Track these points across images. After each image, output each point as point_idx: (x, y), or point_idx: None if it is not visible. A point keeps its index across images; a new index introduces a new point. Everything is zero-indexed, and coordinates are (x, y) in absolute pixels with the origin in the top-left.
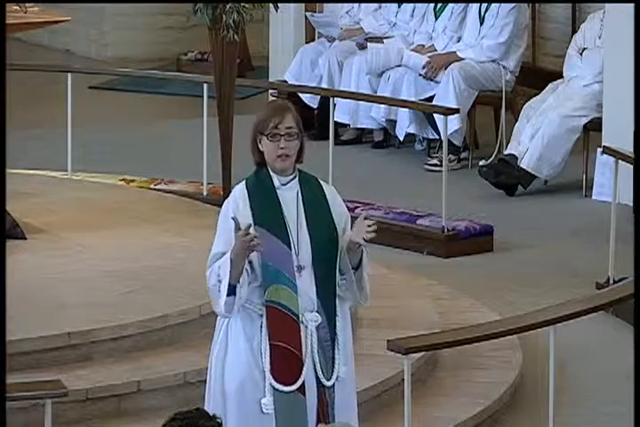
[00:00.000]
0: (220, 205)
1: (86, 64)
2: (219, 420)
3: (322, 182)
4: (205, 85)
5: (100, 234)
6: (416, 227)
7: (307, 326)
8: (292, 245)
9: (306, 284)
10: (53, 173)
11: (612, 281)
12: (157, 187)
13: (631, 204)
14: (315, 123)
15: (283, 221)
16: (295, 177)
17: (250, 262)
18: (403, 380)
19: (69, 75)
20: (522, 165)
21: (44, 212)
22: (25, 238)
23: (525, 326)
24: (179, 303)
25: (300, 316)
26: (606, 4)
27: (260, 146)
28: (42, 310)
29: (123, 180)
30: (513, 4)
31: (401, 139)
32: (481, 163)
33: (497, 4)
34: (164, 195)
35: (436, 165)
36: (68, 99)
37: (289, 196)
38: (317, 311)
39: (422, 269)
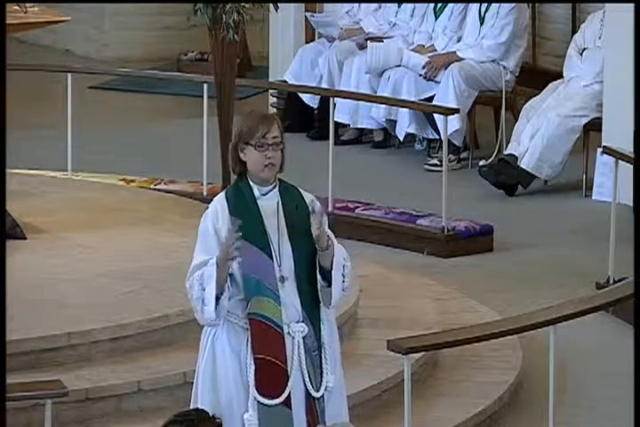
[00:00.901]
0: None
1: (86, 64)
2: (218, 420)
3: (302, 192)
4: (205, 85)
5: (100, 234)
6: (416, 227)
7: (293, 337)
8: (274, 256)
9: (289, 294)
10: (53, 173)
11: (612, 281)
12: (157, 187)
13: (631, 204)
14: (315, 123)
15: (263, 231)
16: (275, 187)
17: (231, 275)
18: (403, 380)
19: (69, 75)
20: (522, 165)
21: (44, 212)
22: (25, 238)
23: (525, 326)
24: (179, 303)
25: (286, 327)
26: (606, 4)
27: (241, 155)
28: (42, 310)
29: (123, 180)
30: (513, 4)
31: (401, 139)
32: (481, 163)
33: (497, 4)
34: (164, 195)
35: (435, 165)
36: (68, 99)
37: (269, 206)
38: (303, 321)
39: (422, 269)
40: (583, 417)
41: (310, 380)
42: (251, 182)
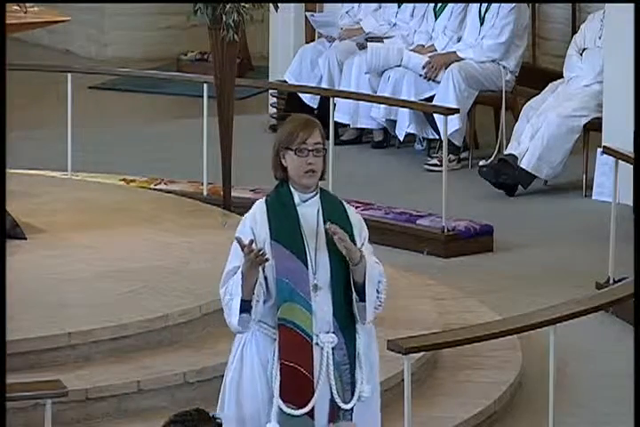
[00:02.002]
0: (220, 206)
1: (86, 64)
2: (219, 420)
3: (345, 204)
4: (205, 85)
5: (100, 234)
6: (416, 227)
7: (322, 348)
8: (310, 264)
9: (322, 304)
10: (53, 173)
11: (611, 281)
12: (157, 187)
13: (631, 204)
14: None
15: (301, 238)
16: (316, 194)
17: (265, 278)
18: (403, 380)
19: (69, 75)
20: (522, 165)
21: (44, 212)
22: (25, 238)
23: (525, 326)
24: (179, 303)
25: (315, 337)
26: (606, 4)
27: (282, 161)
28: (42, 310)
29: (123, 180)
30: (513, 4)
31: (401, 139)
32: (481, 163)
33: (497, 4)
34: (164, 195)
35: (436, 165)
36: (68, 99)
37: (309, 213)
38: (334, 332)
39: (422, 269)
40: (583, 417)
41: (338, 392)
42: (291, 188)
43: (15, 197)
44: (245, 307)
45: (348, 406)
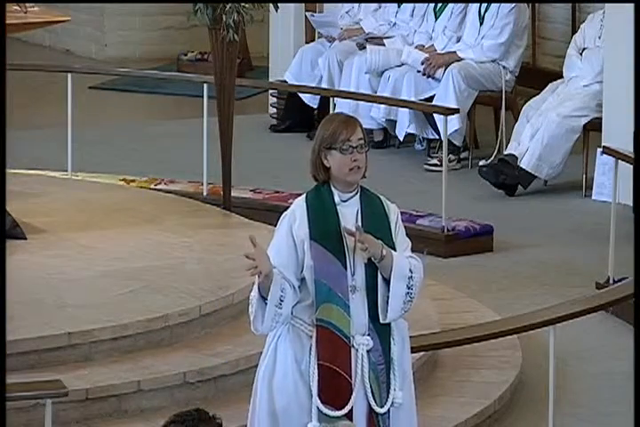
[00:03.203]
0: (220, 206)
1: (86, 64)
2: (218, 421)
3: (386, 202)
4: (205, 85)
5: (100, 234)
6: (416, 227)
7: (357, 350)
8: (348, 265)
9: (358, 306)
10: (53, 173)
11: (611, 281)
12: (157, 187)
13: (631, 204)
14: (315, 123)
15: (340, 238)
16: (357, 193)
17: (303, 280)
18: None
19: (69, 75)
20: (522, 165)
21: (44, 212)
22: (25, 238)
23: (525, 326)
24: (179, 303)
25: (351, 339)
26: (606, 4)
27: (325, 161)
28: (42, 310)
29: (123, 180)
30: (513, 4)
31: (401, 139)
32: (481, 163)
33: (497, 5)
34: (164, 195)
35: (436, 165)
36: (68, 99)
37: (349, 212)
38: (369, 335)
39: None
40: (583, 417)
41: (373, 395)
42: (332, 188)
43: (15, 197)
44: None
45: (382, 411)
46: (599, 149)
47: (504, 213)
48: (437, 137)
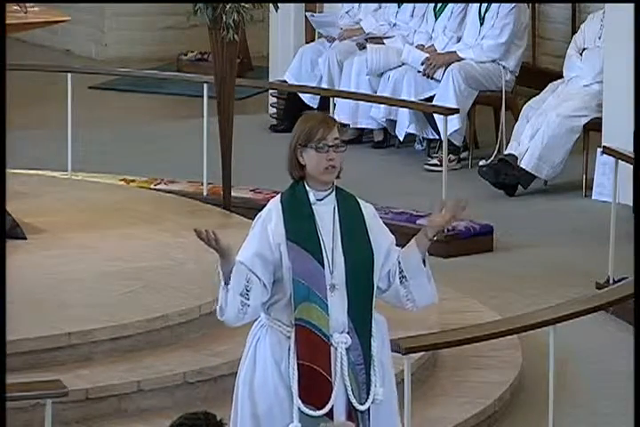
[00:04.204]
0: (220, 206)
1: (86, 64)
2: (226, 425)
3: (360, 201)
4: (205, 85)
5: (100, 234)
6: (416, 227)
7: (336, 348)
8: (327, 264)
9: (337, 304)
10: (53, 173)
11: (611, 281)
12: (157, 187)
13: (631, 204)
14: None
15: (317, 237)
16: (332, 192)
17: (278, 280)
18: (403, 380)
19: (69, 75)
20: (522, 165)
21: (44, 212)
22: (25, 238)
23: (525, 326)
24: (179, 303)
25: (330, 337)
26: (606, 4)
27: (300, 159)
28: (42, 309)
29: (123, 180)
30: (513, 5)
31: (401, 139)
32: (481, 163)
33: (497, 5)
34: (164, 195)
35: (436, 165)
36: (68, 99)
37: (325, 211)
38: (348, 333)
39: None
40: (583, 417)
41: (354, 392)
42: (307, 187)
43: (15, 197)
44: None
45: (362, 408)
46: (599, 149)
47: (504, 213)
48: (437, 137)
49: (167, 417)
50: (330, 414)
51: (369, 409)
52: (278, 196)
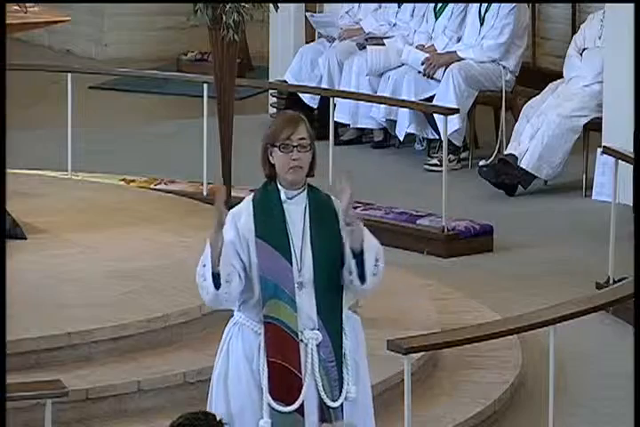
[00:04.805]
0: None
1: (86, 64)
2: (227, 425)
3: (335, 200)
4: (205, 85)
5: (100, 234)
6: (416, 227)
7: (307, 345)
8: (295, 261)
9: (306, 301)
10: (53, 173)
11: (611, 281)
12: (157, 187)
13: (631, 204)
14: (315, 123)
15: (286, 235)
16: (303, 191)
17: (248, 277)
18: (403, 380)
19: (69, 75)
20: (522, 165)
21: (44, 212)
22: (25, 238)
23: (525, 326)
24: (179, 303)
25: (300, 334)
26: (606, 4)
27: (270, 158)
28: (42, 309)
29: (123, 180)
30: (513, 5)
31: (401, 139)
32: (481, 163)
33: (497, 5)
34: (164, 195)
35: (436, 165)
36: (68, 99)
37: (295, 210)
38: (318, 329)
39: (422, 269)
40: (583, 417)
41: (325, 389)
42: (279, 185)
43: (15, 197)
44: (215, 281)
45: (335, 405)
46: (599, 149)
47: (504, 213)
48: (437, 137)
49: (167, 417)
50: (300, 410)
51: (342, 407)
52: (251, 194)
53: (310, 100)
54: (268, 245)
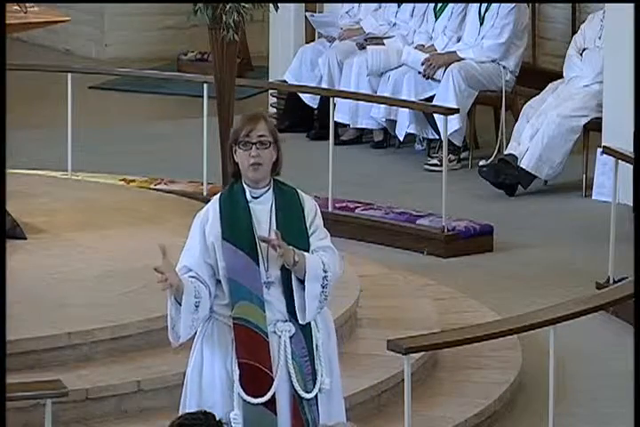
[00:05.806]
0: None
1: (86, 64)
2: (226, 425)
3: (302, 195)
4: (205, 85)
5: (100, 234)
6: (416, 227)
7: (280, 337)
8: (262, 261)
9: (275, 299)
10: (53, 173)
11: (611, 281)
12: (157, 187)
13: (631, 204)
14: (315, 123)
15: (252, 235)
16: (269, 189)
17: (218, 280)
18: (403, 380)
19: (69, 75)
20: (522, 165)
21: (44, 212)
22: (25, 238)
23: (525, 326)
24: None
25: (272, 326)
26: (606, 4)
27: (235, 157)
28: (42, 310)
29: (123, 180)
30: (513, 5)
31: (401, 139)
32: (481, 163)
33: (497, 5)
34: (164, 195)
35: (436, 165)
36: (68, 99)
37: (262, 209)
38: (290, 322)
39: (422, 269)
40: (583, 417)
41: (298, 381)
42: (244, 185)
43: (15, 197)
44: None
45: (309, 396)
46: (599, 149)
47: (504, 213)
48: (437, 137)
49: (167, 417)
50: (272, 402)
51: (317, 399)
52: (218, 195)
53: (310, 100)
54: (234, 246)
